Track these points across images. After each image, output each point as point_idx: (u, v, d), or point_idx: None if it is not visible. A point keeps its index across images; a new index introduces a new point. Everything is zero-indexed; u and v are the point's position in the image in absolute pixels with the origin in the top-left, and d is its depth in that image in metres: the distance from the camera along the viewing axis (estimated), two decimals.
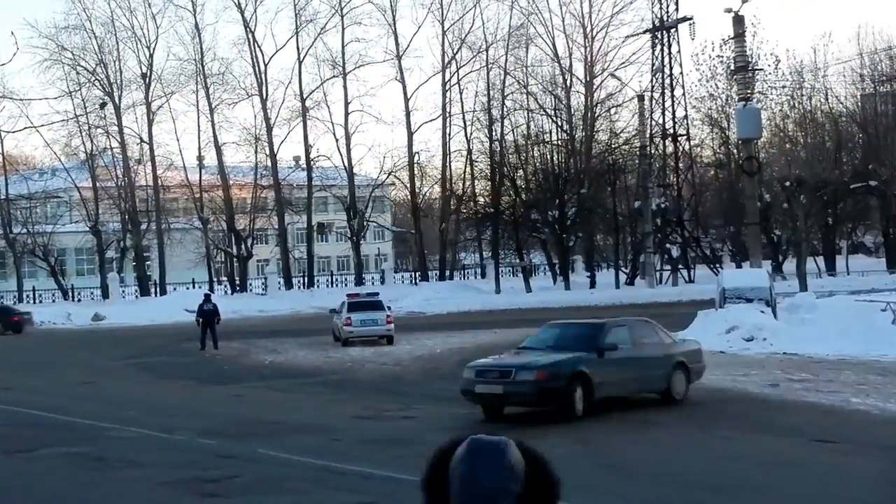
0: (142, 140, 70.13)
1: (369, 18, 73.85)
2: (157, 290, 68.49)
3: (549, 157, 67.67)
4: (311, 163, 71.59)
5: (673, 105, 66.57)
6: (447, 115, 72.13)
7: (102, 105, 68.09)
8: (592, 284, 63.97)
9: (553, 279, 69.08)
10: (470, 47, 71.64)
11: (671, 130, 66.73)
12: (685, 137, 67.89)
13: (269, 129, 70.39)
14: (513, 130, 69.79)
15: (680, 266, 66.03)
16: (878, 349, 26.02)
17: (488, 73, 70.88)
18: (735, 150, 65.46)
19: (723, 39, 65.98)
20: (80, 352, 37.18)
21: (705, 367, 20.70)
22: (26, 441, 17.56)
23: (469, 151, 72.66)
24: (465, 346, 33.72)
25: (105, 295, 65.35)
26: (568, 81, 73.67)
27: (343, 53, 70.36)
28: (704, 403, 19.85)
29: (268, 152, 70.77)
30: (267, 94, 70.27)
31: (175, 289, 67.02)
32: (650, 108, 67.56)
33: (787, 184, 57.38)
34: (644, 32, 69.00)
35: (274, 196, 71.91)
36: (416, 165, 72.86)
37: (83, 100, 68.22)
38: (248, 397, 23.26)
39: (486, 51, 70.76)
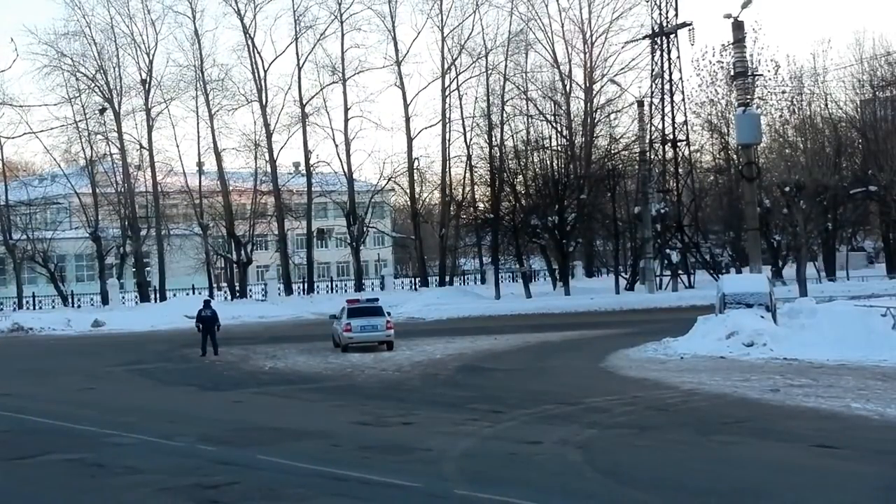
0: (141, 146, 70.15)
1: (369, 24, 73.99)
2: (157, 296, 68.42)
3: (548, 162, 67.67)
4: (311, 168, 71.60)
5: (672, 110, 66.60)
6: (447, 120, 72.20)
7: (102, 111, 68.08)
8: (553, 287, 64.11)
9: (553, 285, 69.08)
10: (469, 53, 71.74)
11: (671, 136, 66.72)
12: (685, 143, 67.89)
13: (269, 135, 70.42)
14: (512, 136, 69.85)
15: (680, 271, 66.01)
16: (878, 354, 26.03)
17: (488, 78, 70.95)
18: (735, 156, 65.49)
19: (722, 45, 66.18)
20: (80, 358, 37.16)
21: None
22: (26, 447, 17.56)
23: (469, 157, 72.73)
24: (465, 352, 33.74)
25: (105, 301, 65.32)
26: (567, 87, 73.79)
27: (342, 59, 70.44)
28: (705, 409, 19.86)
29: (267, 158, 70.79)
30: (266, 100, 70.32)
31: (175, 295, 66.95)
32: (650, 114, 67.57)
33: (787, 189, 57.39)
34: (643, 38, 69.07)
35: (274, 202, 71.88)
36: (415, 171, 72.89)
37: (83, 106, 68.26)
38: (248, 403, 23.26)
39: (486, 56, 70.85)
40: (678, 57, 67.59)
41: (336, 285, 74.62)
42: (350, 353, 34.02)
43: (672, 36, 66.09)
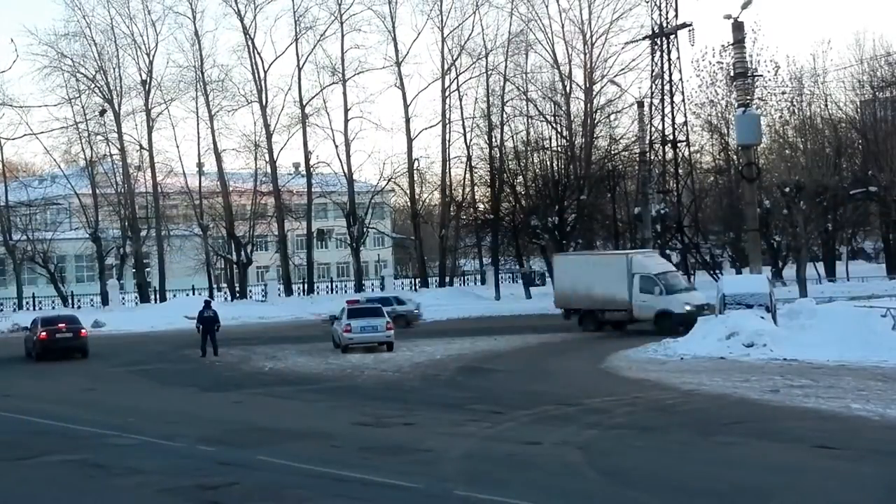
0: (141, 147, 70.15)
1: (369, 25, 73.96)
2: (157, 296, 68.44)
3: (548, 163, 67.65)
4: (311, 169, 71.62)
5: (672, 111, 66.59)
6: (447, 121, 72.21)
7: (102, 112, 68.00)
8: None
9: (553, 285, 69.02)
10: (469, 54, 71.76)
11: (671, 136, 66.71)
12: (685, 143, 67.88)
13: (269, 136, 70.43)
14: (512, 137, 69.84)
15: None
16: (878, 355, 26.03)
17: (488, 79, 70.97)
18: (735, 156, 65.45)
19: (722, 46, 66.08)
20: (80, 359, 37.14)
21: None
22: (27, 448, 17.56)
23: (469, 158, 72.75)
24: (465, 353, 33.74)
25: (105, 302, 65.35)
26: (567, 88, 73.70)
27: (342, 60, 70.46)
28: (705, 409, 19.86)
29: (267, 159, 70.80)
30: (266, 101, 70.34)
31: (175, 295, 66.97)
32: (650, 115, 67.57)
33: (787, 190, 57.37)
34: (644, 39, 69.03)
35: (274, 202, 71.90)
36: (415, 172, 72.92)
37: (83, 107, 68.17)
38: (248, 404, 23.25)
39: (486, 57, 70.86)
40: (678, 58, 67.62)
41: (336, 286, 74.62)
42: (350, 354, 34.03)
43: (672, 37, 66.10)
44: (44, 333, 36.86)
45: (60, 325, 37.76)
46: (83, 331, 38.14)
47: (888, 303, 31.44)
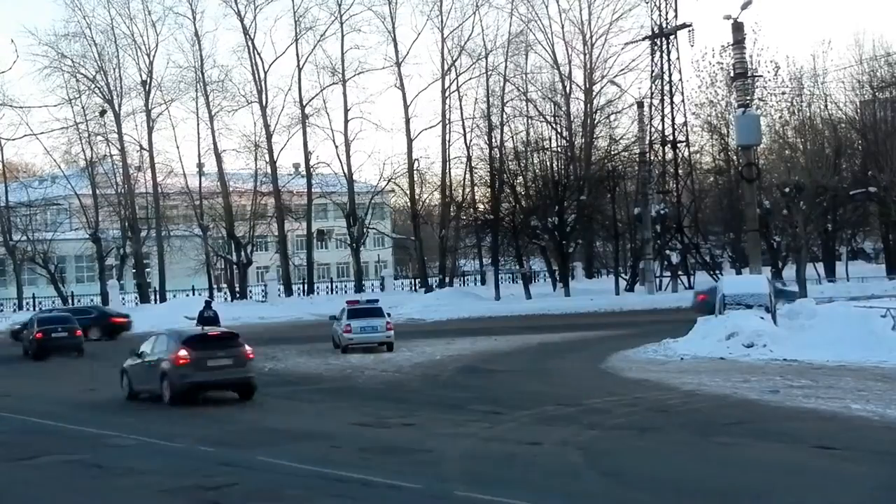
0: (141, 147, 70.15)
1: (368, 25, 73.88)
2: (157, 297, 68.44)
3: (548, 163, 67.68)
4: (311, 170, 71.64)
5: (672, 112, 66.59)
6: (447, 121, 72.19)
7: (102, 112, 67.93)
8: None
9: (553, 286, 69.09)
10: (469, 54, 71.74)
11: (671, 137, 66.71)
12: (684, 144, 67.87)
13: (269, 136, 70.43)
14: (512, 137, 69.84)
15: (679, 272, 66.01)
16: (877, 355, 26.02)
17: (488, 79, 70.95)
18: (734, 157, 65.37)
19: (722, 46, 66.00)
20: (80, 359, 37.15)
21: None
22: (26, 448, 17.55)
23: (468, 158, 72.74)
24: (465, 353, 33.75)
25: (105, 302, 65.24)
26: (567, 88, 73.80)
27: (342, 60, 70.46)
28: (704, 410, 19.86)
29: (267, 159, 70.80)
30: (266, 101, 70.34)
31: (175, 296, 66.98)
32: (649, 115, 67.58)
33: (787, 190, 57.33)
34: (643, 39, 69.06)
35: (274, 203, 71.91)
36: (415, 172, 72.87)
37: (83, 107, 68.10)
38: (249, 404, 23.22)
39: (486, 58, 70.83)
40: (678, 58, 67.64)
41: (336, 286, 74.61)
42: (350, 355, 34.02)
43: (672, 37, 66.10)
44: (40, 333, 38.49)
45: (56, 324, 39.77)
46: (78, 330, 39.64)
47: (888, 303, 31.42)
